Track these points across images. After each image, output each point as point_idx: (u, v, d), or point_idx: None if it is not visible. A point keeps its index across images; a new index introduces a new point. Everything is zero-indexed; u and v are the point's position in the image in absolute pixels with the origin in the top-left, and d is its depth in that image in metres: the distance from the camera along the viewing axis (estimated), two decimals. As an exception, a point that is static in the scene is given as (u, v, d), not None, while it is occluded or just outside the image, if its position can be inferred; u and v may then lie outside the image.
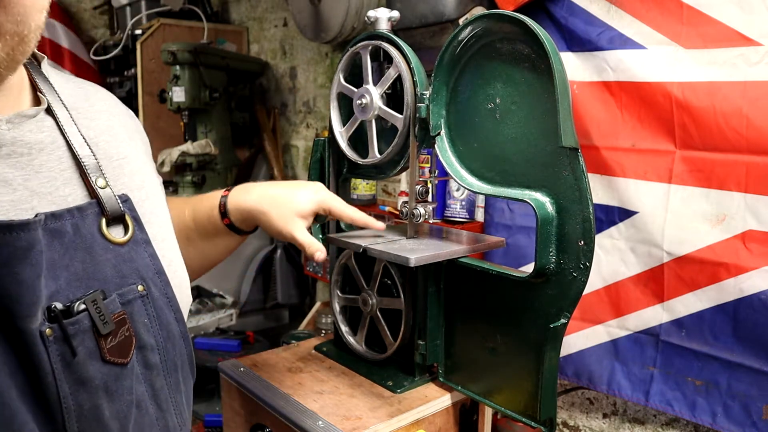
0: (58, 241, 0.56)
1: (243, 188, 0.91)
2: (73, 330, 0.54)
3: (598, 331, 1.45)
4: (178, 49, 2.28)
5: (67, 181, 0.60)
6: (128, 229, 0.63)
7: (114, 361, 0.57)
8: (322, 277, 2.24)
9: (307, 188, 0.91)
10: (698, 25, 1.23)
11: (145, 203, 0.68)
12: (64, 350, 0.53)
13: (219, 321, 2.38)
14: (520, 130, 0.83)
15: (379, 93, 0.96)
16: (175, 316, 0.66)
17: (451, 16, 1.49)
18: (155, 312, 0.63)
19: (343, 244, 0.98)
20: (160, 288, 0.65)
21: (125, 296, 0.60)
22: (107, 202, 0.61)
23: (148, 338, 0.62)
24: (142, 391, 0.61)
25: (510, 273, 0.87)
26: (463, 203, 1.65)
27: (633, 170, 1.35)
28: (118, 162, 0.67)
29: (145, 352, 0.61)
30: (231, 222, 0.90)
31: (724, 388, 1.26)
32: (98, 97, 0.71)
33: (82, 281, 0.57)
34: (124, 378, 0.58)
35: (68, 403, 0.53)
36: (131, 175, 0.68)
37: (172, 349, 0.65)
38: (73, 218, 0.58)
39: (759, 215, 1.18)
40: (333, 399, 0.95)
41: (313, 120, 2.58)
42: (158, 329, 0.63)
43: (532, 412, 0.86)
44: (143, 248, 0.64)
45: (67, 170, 0.60)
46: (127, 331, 0.59)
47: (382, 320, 1.02)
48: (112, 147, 0.67)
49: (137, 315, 0.61)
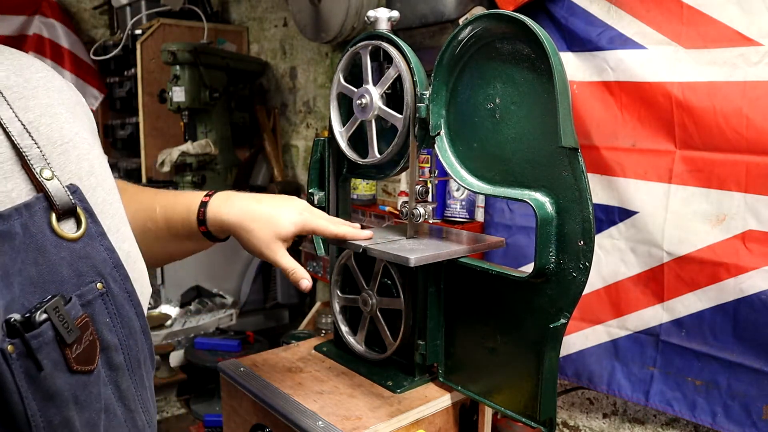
0: (9, 245, 0.51)
1: (225, 198, 0.87)
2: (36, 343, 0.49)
3: (598, 331, 1.45)
4: (178, 49, 2.28)
5: (8, 175, 0.53)
6: (81, 223, 0.57)
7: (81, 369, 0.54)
8: (322, 277, 2.24)
9: (290, 209, 0.88)
10: (698, 25, 1.23)
11: (96, 191, 0.62)
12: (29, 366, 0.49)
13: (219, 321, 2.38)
14: (520, 130, 0.83)
15: (379, 93, 0.96)
16: (135, 311, 0.62)
17: (450, 16, 1.49)
18: (116, 309, 0.59)
19: (343, 244, 0.98)
20: (120, 283, 0.61)
21: (85, 297, 0.56)
22: (56, 195, 0.55)
23: (111, 338, 0.58)
24: (109, 395, 0.59)
25: (510, 273, 0.87)
26: (463, 203, 1.65)
27: (633, 170, 1.35)
28: (62, 147, 0.59)
29: (109, 353, 0.58)
30: (208, 230, 0.86)
31: (724, 388, 1.26)
32: (32, 70, 0.62)
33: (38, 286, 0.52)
34: (92, 385, 0.55)
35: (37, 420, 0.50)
36: (78, 161, 0.61)
37: (134, 345, 0.62)
38: (21, 217, 0.52)
39: (759, 215, 1.18)
40: (333, 399, 0.95)
41: (313, 120, 2.59)
42: (120, 327, 0.60)
43: (532, 412, 0.86)
44: (98, 242, 0.59)
45: (7, 162, 0.54)
46: (91, 335, 0.55)
47: (382, 320, 1.02)
48: (54, 130, 0.59)
49: (99, 315, 0.57)
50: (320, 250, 1.12)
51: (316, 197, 1.11)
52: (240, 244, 0.87)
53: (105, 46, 2.94)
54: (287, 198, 0.92)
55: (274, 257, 0.85)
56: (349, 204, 1.14)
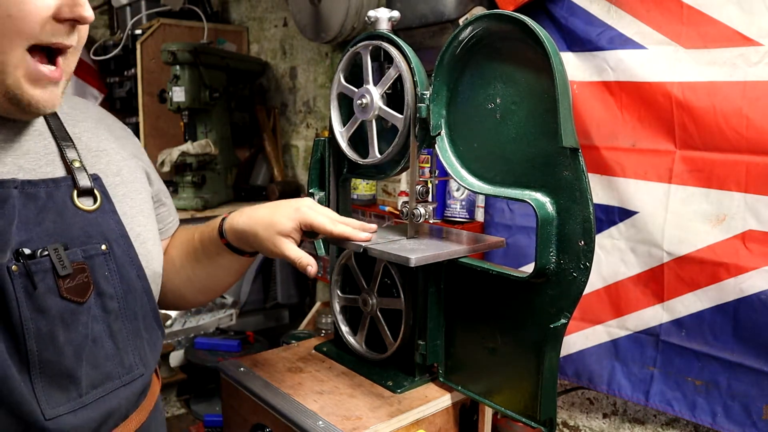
0: (33, 203, 0.69)
1: (239, 212, 0.95)
2: (35, 268, 0.66)
3: (598, 331, 1.45)
4: (178, 49, 2.28)
5: (50, 162, 0.74)
6: (97, 200, 0.76)
7: (70, 298, 0.69)
8: (322, 277, 2.24)
9: (288, 207, 0.91)
10: (698, 25, 1.23)
11: (118, 187, 0.81)
12: (27, 284, 0.66)
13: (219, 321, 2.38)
14: (521, 130, 0.83)
15: (379, 93, 0.96)
16: (137, 273, 0.79)
17: (451, 16, 1.49)
18: (116, 267, 0.75)
19: (344, 244, 0.98)
20: (124, 248, 0.77)
21: (88, 252, 0.72)
22: (79, 177, 0.75)
23: (107, 288, 0.74)
24: (100, 329, 0.73)
25: (510, 273, 0.87)
26: (463, 203, 1.65)
27: (633, 170, 1.35)
28: (96, 153, 0.81)
29: (104, 299, 0.74)
30: (228, 241, 0.93)
31: (724, 388, 1.26)
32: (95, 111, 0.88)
33: (52, 236, 0.70)
34: (80, 314, 0.71)
35: (28, 325, 0.66)
36: (108, 164, 0.81)
37: (132, 300, 0.77)
38: (47, 187, 0.71)
39: (759, 215, 1.18)
40: (333, 399, 0.95)
41: (313, 120, 2.59)
42: (118, 282, 0.75)
43: (532, 412, 0.86)
44: (110, 216, 0.77)
45: (51, 153, 0.75)
46: (86, 278, 0.71)
47: (382, 320, 1.02)
48: (93, 142, 0.81)
49: (98, 268, 0.73)
50: (320, 250, 1.12)
51: (317, 197, 1.11)
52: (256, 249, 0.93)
53: (105, 46, 2.94)
54: (293, 199, 0.95)
55: (280, 251, 0.88)
56: (350, 204, 1.14)
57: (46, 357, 0.67)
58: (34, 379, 0.67)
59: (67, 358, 0.69)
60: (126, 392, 0.77)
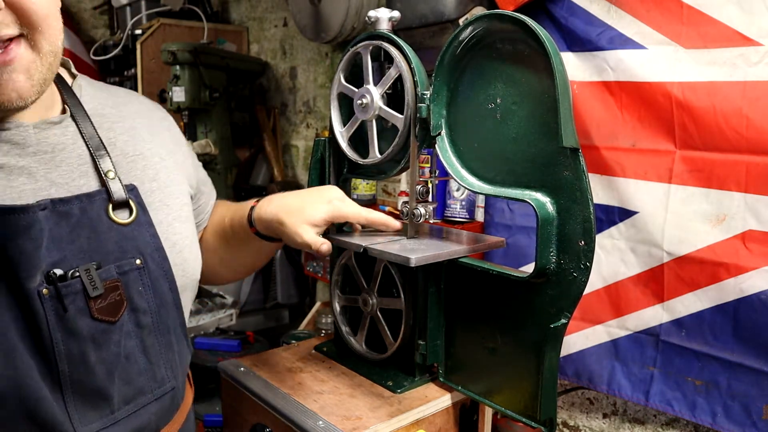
0: (66, 221, 0.68)
1: (268, 199, 0.95)
2: (65, 291, 0.66)
3: (598, 331, 1.45)
4: (178, 49, 2.28)
5: (83, 174, 0.73)
6: (132, 213, 0.75)
7: (102, 318, 0.69)
8: (322, 277, 2.24)
9: (321, 198, 0.91)
10: (698, 25, 1.23)
11: (154, 193, 0.80)
12: (57, 306, 0.66)
13: (219, 321, 2.38)
14: (521, 130, 0.83)
15: (379, 93, 0.96)
16: (170, 287, 0.78)
17: (451, 16, 1.49)
18: (150, 282, 0.75)
19: (344, 244, 0.98)
20: (158, 262, 0.77)
21: (122, 267, 0.72)
22: (114, 190, 0.73)
23: (141, 303, 0.74)
24: (133, 346, 0.73)
25: (510, 273, 0.87)
26: (463, 203, 1.65)
27: (633, 170, 1.35)
28: (132, 158, 0.79)
29: (138, 314, 0.74)
30: (257, 230, 0.94)
31: (724, 388, 1.26)
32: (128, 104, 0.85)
33: (86, 253, 0.69)
34: (112, 333, 0.71)
35: (59, 347, 0.66)
36: (144, 170, 0.80)
37: (165, 314, 0.77)
38: (81, 203, 0.70)
39: (759, 215, 1.18)
40: (333, 399, 0.95)
41: (313, 120, 2.58)
42: (152, 296, 0.75)
43: (532, 412, 0.86)
44: (145, 228, 0.76)
45: (84, 165, 0.74)
46: (119, 296, 0.71)
47: (382, 320, 1.02)
48: (129, 146, 0.80)
49: (132, 283, 0.73)
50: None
51: (317, 197, 1.11)
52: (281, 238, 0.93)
53: (105, 46, 2.94)
54: (322, 188, 0.95)
55: (302, 237, 0.88)
56: (350, 204, 1.14)
57: (78, 377, 0.68)
58: (66, 398, 0.67)
59: (98, 377, 0.70)
60: (157, 406, 0.77)
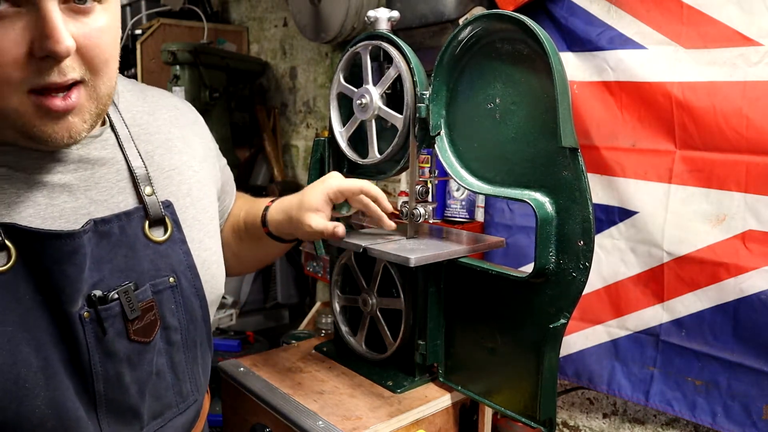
0: (106, 241, 0.69)
1: (279, 201, 0.98)
2: (105, 314, 0.67)
3: (598, 331, 1.45)
4: (178, 49, 2.28)
5: (121, 191, 0.73)
6: (167, 230, 0.75)
7: (138, 340, 0.70)
8: (322, 277, 2.24)
9: (317, 183, 0.94)
10: (698, 25, 1.23)
11: (188, 210, 0.80)
12: (97, 329, 0.67)
13: (219, 321, 2.38)
14: (520, 130, 0.83)
15: (379, 93, 0.96)
16: (200, 303, 0.79)
17: (451, 16, 1.49)
18: (182, 300, 0.76)
19: (344, 244, 0.98)
20: (190, 280, 0.77)
21: (157, 286, 0.73)
22: (151, 207, 0.74)
23: (172, 321, 0.75)
24: (162, 363, 0.74)
25: (510, 273, 0.87)
26: (463, 203, 1.65)
27: (633, 170, 1.35)
28: (168, 173, 0.79)
29: (169, 332, 0.75)
30: (270, 231, 0.96)
31: (724, 388, 1.26)
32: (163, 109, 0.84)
33: (123, 272, 0.70)
34: (146, 353, 0.72)
35: (97, 369, 0.67)
36: (179, 185, 0.80)
37: (193, 329, 0.78)
38: (120, 221, 0.70)
39: (759, 215, 1.18)
40: (333, 399, 0.95)
41: (313, 120, 2.58)
42: (183, 314, 0.76)
43: (531, 412, 0.86)
44: (179, 246, 0.76)
45: (123, 181, 0.73)
46: (153, 316, 0.72)
47: (382, 320, 1.02)
48: (165, 159, 0.79)
49: (165, 302, 0.74)
50: (320, 250, 1.12)
51: (316, 197, 1.11)
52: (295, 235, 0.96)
53: (105, 46, 2.93)
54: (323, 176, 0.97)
55: (309, 223, 0.90)
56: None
57: (112, 397, 0.69)
58: (100, 416, 0.68)
59: (131, 396, 0.71)
60: (181, 420, 0.79)
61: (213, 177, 0.90)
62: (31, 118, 0.60)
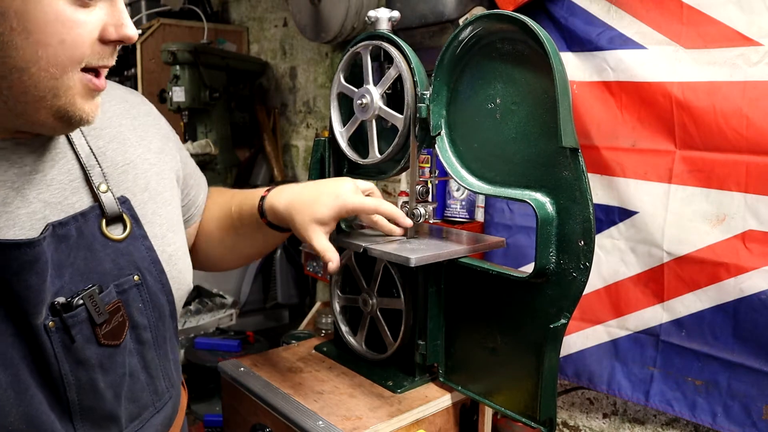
0: (65, 244, 0.66)
1: (279, 189, 0.93)
2: (71, 322, 0.64)
3: (598, 331, 1.45)
4: (178, 49, 2.28)
5: (75, 190, 0.70)
6: (126, 227, 0.73)
7: (108, 344, 0.68)
8: (322, 277, 2.24)
9: (330, 192, 0.89)
10: (698, 25, 1.23)
11: (147, 204, 0.77)
12: (65, 338, 0.64)
13: (219, 321, 2.38)
14: (521, 130, 0.83)
15: (379, 93, 0.96)
16: (167, 299, 0.77)
17: (451, 16, 1.49)
18: (149, 297, 0.74)
19: (344, 244, 0.98)
20: (155, 276, 0.75)
21: (122, 286, 0.70)
22: (107, 205, 0.71)
23: (141, 320, 0.73)
24: (135, 363, 0.73)
25: (510, 273, 0.87)
26: (463, 203, 1.65)
27: (633, 170, 1.35)
28: (123, 168, 0.76)
29: (138, 331, 0.73)
30: (269, 221, 0.93)
31: (724, 388, 1.26)
32: (112, 101, 0.80)
33: (84, 275, 0.67)
34: (117, 356, 0.70)
35: (68, 378, 0.65)
36: (135, 180, 0.77)
37: (162, 326, 0.77)
38: (77, 222, 0.68)
39: (759, 215, 1.18)
40: (333, 399, 0.95)
41: (313, 120, 2.58)
42: (151, 311, 0.74)
43: (532, 412, 0.86)
44: (140, 242, 0.74)
45: (76, 180, 0.71)
46: (121, 317, 0.70)
47: (382, 320, 1.02)
48: (119, 154, 0.77)
49: (132, 301, 0.72)
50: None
51: (317, 197, 1.11)
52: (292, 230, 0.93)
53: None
54: (334, 180, 0.94)
55: (311, 240, 0.87)
56: (350, 204, 1.14)
57: (87, 404, 0.68)
58: (76, 425, 0.67)
59: (107, 401, 0.69)
60: (159, 418, 0.78)
61: (173, 169, 0.86)
62: (76, 95, 0.63)
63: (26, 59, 0.59)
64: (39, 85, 0.60)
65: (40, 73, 0.60)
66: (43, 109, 0.62)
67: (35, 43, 0.59)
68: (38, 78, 0.60)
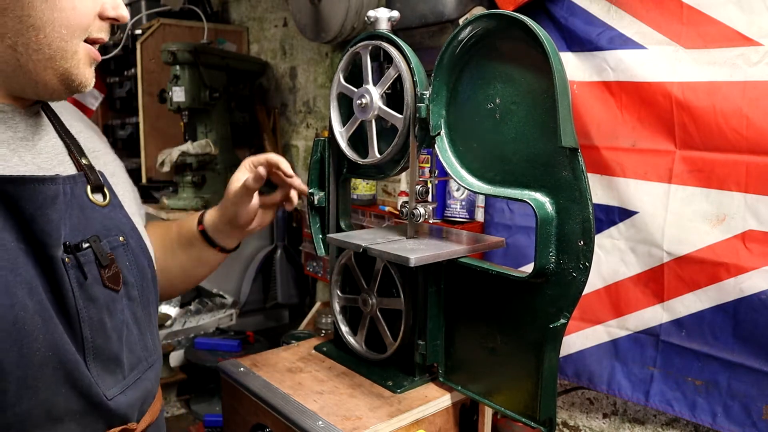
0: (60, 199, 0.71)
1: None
2: (83, 260, 0.70)
3: (598, 331, 1.45)
4: (178, 49, 2.28)
5: (60, 162, 0.77)
6: (106, 196, 0.79)
7: (111, 287, 0.74)
8: (322, 277, 2.24)
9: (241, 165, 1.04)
10: (698, 25, 1.23)
11: (116, 187, 0.84)
12: (78, 275, 0.70)
13: (219, 321, 2.38)
14: (520, 130, 0.83)
15: (379, 93, 0.96)
16: (148, 263, 0.84)
17: (451, 16, 1.49)
18: (133, 258, 0.80)
19: (343, 244, 0.98)
20: (136, 240, 0.82)
21: (111, 243, 0.76)
22: (91, 174, 0.78)
23: (129, 277, 0.78)
24: (127, 316, 0.78)
25: (510, 273, 0.87)
26: (463, 203, 1.65)
27: (633, 170, 1.35)
28: (93, 152, 0.85)
29: (128, 288, 0.78)
30: (204, 229, 1.04)
31: (724, 388, 1.26)
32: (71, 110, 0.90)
33: (79, 231, 0.72)
34: (117, 302, 0.75)
35: (83, 314, 0.70)
36: (105, 165, 0.86)
37: (146, 288, 0.82)
38: (67, 184, 0.73)
39: (759, 215, 1.18)
40: (333, 399, 0.95)
41: (313, 120, 2.58)
42: (136, 271, 0.80)
43: (531, 412, 0.86)
44: (119, 211, 0.81)
45: (61, 153, 0.78)
46: (116, 268, 0.76)
47: (382, 320, 1.02)
48: (89, 142, 0.86)
49: (121, 258, 0.77)
50: (320, 250, 1.12)
51: (316, 197, 1.11)
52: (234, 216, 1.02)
53: (105, 46, 2.93)
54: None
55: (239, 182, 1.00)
56: (350, 204, 1.14)
57: (98, 343, 0.72)
58: (89, 363, 0.71)
59: (113, 343, 0.74)
60: (152, 374, 0.83)
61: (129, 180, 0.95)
62: (79, 62, 0.72)
63: (43, 19, 0.67)
64: (52, 45, 0.68)
65: (53, 33, 0.68)
66: (50, 69, 0.70)
67: (52, 6, 0.67)
68: (51, 38, 0.68)
